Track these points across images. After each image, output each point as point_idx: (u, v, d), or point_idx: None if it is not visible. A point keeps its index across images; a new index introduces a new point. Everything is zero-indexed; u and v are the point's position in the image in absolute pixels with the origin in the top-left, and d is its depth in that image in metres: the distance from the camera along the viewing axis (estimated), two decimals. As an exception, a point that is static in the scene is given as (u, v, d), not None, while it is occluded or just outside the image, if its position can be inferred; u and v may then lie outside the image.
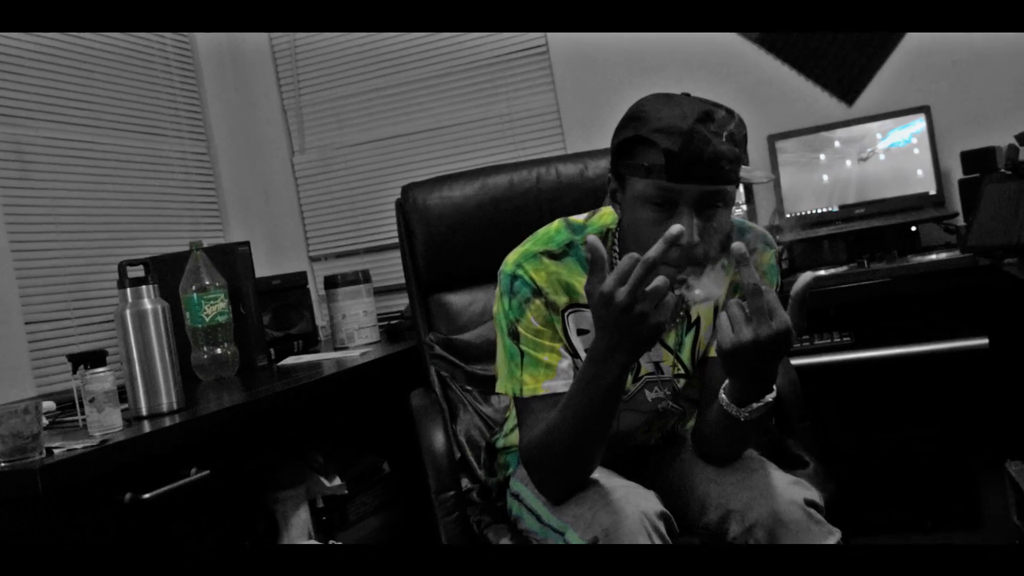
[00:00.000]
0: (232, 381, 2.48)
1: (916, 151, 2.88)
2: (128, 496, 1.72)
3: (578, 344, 1.68)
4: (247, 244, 2.70)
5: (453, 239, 2.41)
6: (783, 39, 3.07)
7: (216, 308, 2.49)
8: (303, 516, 2.32)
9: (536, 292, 1.65)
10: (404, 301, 3.29)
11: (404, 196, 2.45)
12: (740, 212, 2.94)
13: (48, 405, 2.13)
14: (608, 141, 1.59)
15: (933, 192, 2.86)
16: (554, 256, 1.67)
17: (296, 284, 3.01)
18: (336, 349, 2.90)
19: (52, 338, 2.66)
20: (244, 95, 3.64)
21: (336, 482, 2.44)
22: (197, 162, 3.42)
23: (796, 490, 1.59)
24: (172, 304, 2.22)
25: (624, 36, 3.17)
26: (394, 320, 3.09)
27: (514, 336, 1.66)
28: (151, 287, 2.02)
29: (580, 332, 1.68)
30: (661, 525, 1.53)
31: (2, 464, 1.61)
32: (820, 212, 2.95)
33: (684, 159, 1.45)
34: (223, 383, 2.46)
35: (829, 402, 2.57)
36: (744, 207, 2.96)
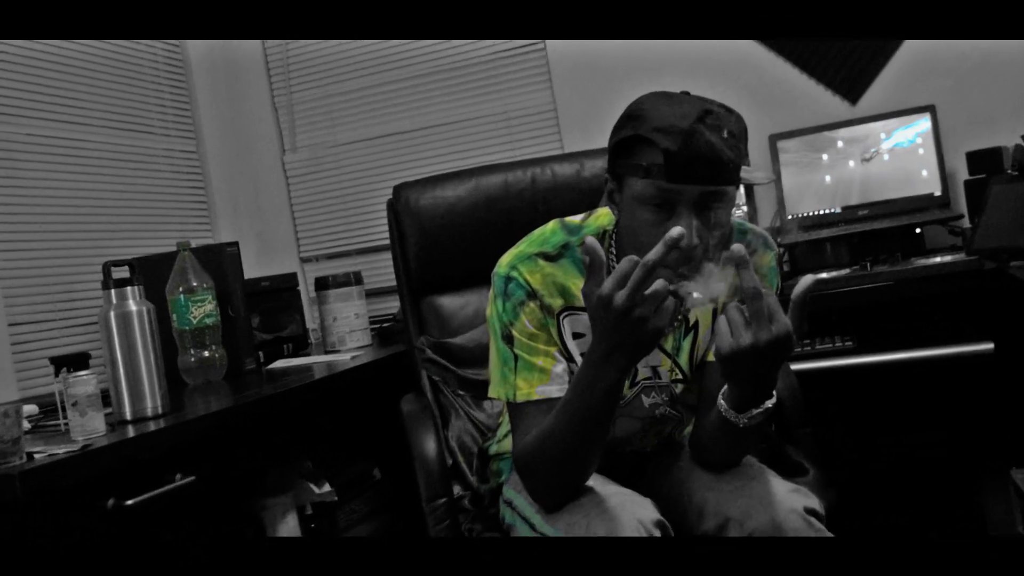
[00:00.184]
0: (220, 385, 2.47)
1: (921, 151, 2.88)
2: (111, 502, 1.71)
3: (573, 348, 1.68)
4: (236, 244, 2.69)
5: (446, 240, 2.40)
6: (785, 37, 3.07)
7: (204, 310, 2.48)
8: (291, 523, 2.30)
9: (531, 295, 1.65)
10: (397, 303, 3.26)
11: (396, 196, 2.45)
12: (740, 213, 2.94)
13: (30, 408, 2.12)
14: (607, 140, 1.58)
15: (938, 193, 2.86)
16: (549, 258, 1.66)
17: (286, 286, 3.00)
18: (327, 352, 2.89)
19: (36, 340, 2.66)
20: (234, 92, 3.63)
21: (325, 488, 2.43)
22: (185, 160, 3.42)
23: (796, 498, 1.58)
24: (159, 306, 2.22)
25: (623, 33, 3.17)
26: (386, 323, 3.08)
27: (508, 340, 1.65)
28: (136, 288, 2.01)
29: (576, 336, 1.68)
30: (657, 533, 1.52)
31: (-19, 469, 1.60)
32: (822, 213, 2.95)
33: (684, 159, 1.45)
34: (210, 387, 2.45)
35: (830, 408, 2.56)
36: (744, 208, 2.96)
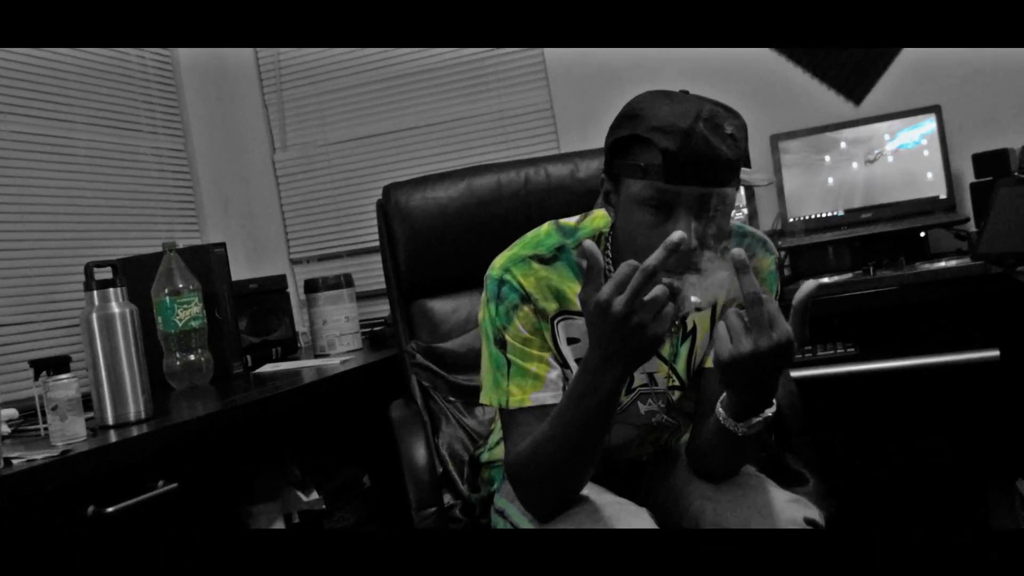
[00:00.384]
0: (206, 389, 2.47)
1: (926, 153, 2.87)
2: (91, 509, 1.70)
3: (568, 354, 1.67)
4: (223, 245, 2.69)
5: (437, 242, 2.40)
6: (788, 35, 3.07)
7: (190, 312, 2.47)
8: (278, 532, 2.30)
9: (524, 298, 1.64)
10: (388, 307, 3.27)
11: (385, 197, 2.44)
12: (741, 216, 2.93)
13: (10, 413, 2.11)
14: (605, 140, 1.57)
15: (943, 196, 2.85)
16: (544, 261, 1.66)
17: (275, 288, 3.00)
18: (316, 356, 2.89)
19: (17, 342, 2.64)
20: (223, 89, 3.62)
21: (313, 496, 2.42)
22: (173, 159, 3.40)
23: (795, 508, 1.58)
24: (144, 308, 2.21)
25: (621, 31, 3.16)
26: (378, 327, 3.08)
27: (501, 344, 1.64)
28: (119, 290, 2.01)
29: (570, 341, 1.67)
30: (653, 544, 1.51)
31: (-42, 475, 1.59)
32: (824, 216, 2.94)
33: (683, 159, 1.44)
34: (196, 391, 2.45)
35: (832, 416, 2.56)
36: (745, 210, 2.95)
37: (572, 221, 1.71)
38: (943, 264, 2.58)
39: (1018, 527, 2.50)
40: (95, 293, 1.99)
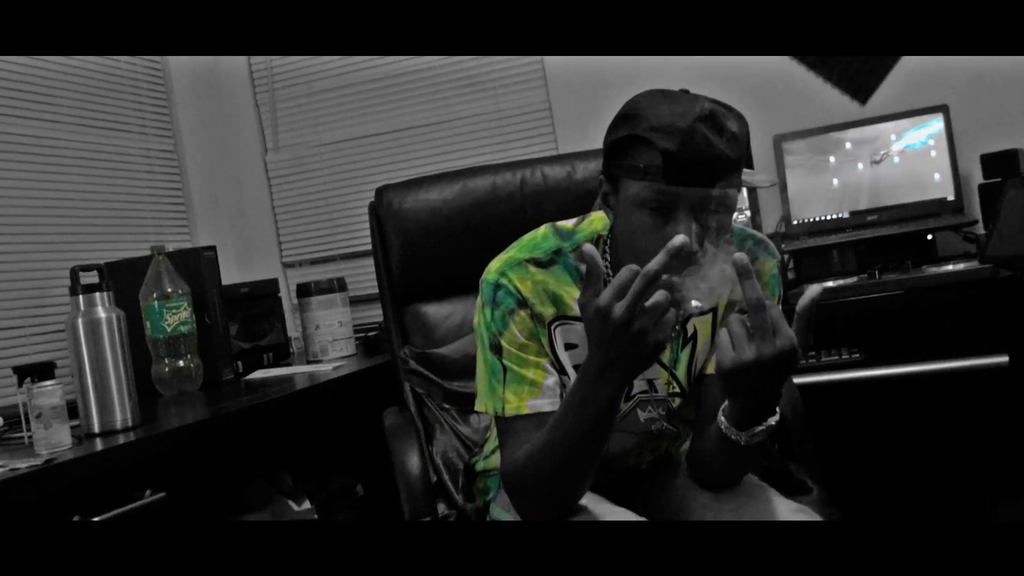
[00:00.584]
0: (195, 396, 2.47)
1: (933, 153, 2.87)
2: (76, 519, 1.69)
3: (565, 360, 1.66)
4: (213, 248, 2.69)
5: (430, 246, 2.39)
6: (791, 33, 3.06)
7: (179, 317, 2.47)
8: (269, 542, 2.29)
9: (521, 303, 1.63)
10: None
11: (378, 199, 2.44)
12: (743, 218, 2.93)
13: (-7, 420, 2.11)
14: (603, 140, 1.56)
15: (951, 198, 2.85)
16: (541, 264, 1.65)
17: (266, 292, 3.00)
18: (309, 362, 2.89)
19: (3, 348, 2.64)
20: (214, 89, 3.62)
21: (305, 505, 2.42)
22: (163, 160, 3.40)
23: (798, 518, 1.57)
24: (132, 313, 2.20)
25: (621, 29, 3.15)
26: (372, 332, 3.07)
27: (496, 350, 1.63)
28: (105, 294, 2.01)
29: (568, 347, 1.66)
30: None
31: (-61, 484, 1.58)
32: (829, 219, 2.93)
33: (683, 160, 1.43)
34: (185, 398, 2.45)
35: (836, 424, 2.55)
36: (747, 213, 2.95)
37: (570, 224, 1.71)
38: (950, 268, 2.58)
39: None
40: (81, 298, 1.99)
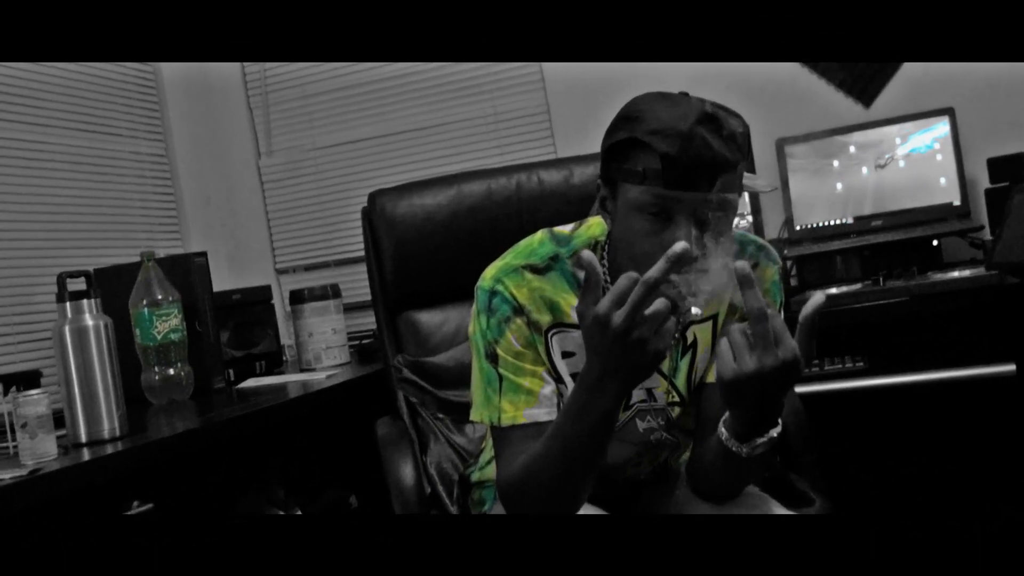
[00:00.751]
0: (185, 405, 2.47)
1: (939, 157, 2.86)
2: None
3: (563, 368, 1.65)
4: (204, 255, 2.68)
5: (424, 252, 2.39)
6: (794, 35, 3.06)
7: (169, 325, 2.47)
8: (261, 555, 2.28)
9: (517, 310, 1.62)
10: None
11: (371, 204, 2.44)
12: (745, 223, 2.92)
13: (-22, 430, 2.10)
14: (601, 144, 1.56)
15: (957, 202, 2.84)
16: (537, 270, 1.64)
17: (259, 299, 3.00)
18: (302, 370, 2.88)
19: (-12, 356, 2.63)
20: (206, 91, 3.62)
21: (298, 517, 2.41)
22: (153, 164, 3.39)
23: (801, 531, 1.56)
24: (122, 320, 2.19)
25: (621, 30, 3.15)
26: (367, 339, 3.06)
27: (492, 358, 1.63)
28: (93, 301, 2.01)
29: (565, 355, 1.65)
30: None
31: (-79, 495, 1.58)
32: (833, 224, 2.93)
33: (683, 164, 1.43)
34: (175, 407, 2.44)
35: (839, 434, 2.54)
36: (749, 218, 2.94)
37: (566, 229, 1.70)
38: (956, 274, 2.57)
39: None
40: (68, 305, 1.99)
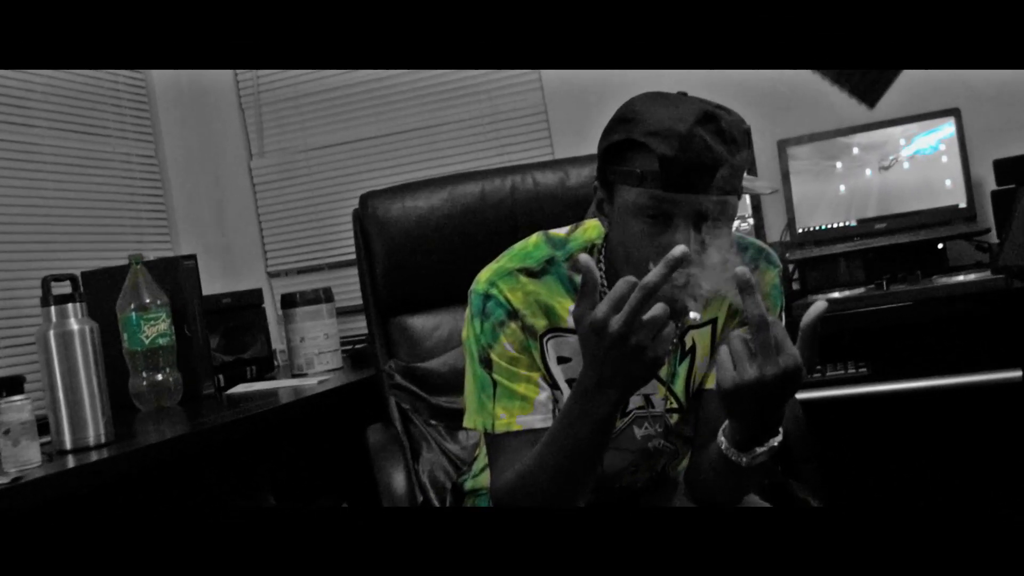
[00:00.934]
0: (174, 411, 2.46)
1: (944, 159, 2.86)
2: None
3: (558, 374, 1.65)
4: (193, 258, 2.68)
5: (417, 255, 2.38)
6: (796, 34, 3.06)
7: (157, 329, 2.46)
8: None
9: (512, 314, 1.62)
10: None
11: (362, 206, 2.44)
12: (747, 226, 2.92)
13: (-39, 437, 2.09)
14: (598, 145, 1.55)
15: (963, 205, 2.84)
16: (532, 274, 1.64)
17: (249, 303, 2.99)
18: (294, 376, 2.88)
19: (-27, 361, 2.63)
20: (197, 92, 3.61)
21: (289, 526, 2.39)
22: (143, 165, 3.39)
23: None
24: (109, 324, 2.19)
25: (620, 29, 3.14)
26: (360, 344, 3.06)
27: (486, 364, 1.62)
28: (78, 305, 2.00)
29: (561, 360, 1.65)
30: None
31: (-100, 505, 1.57)
32: (836, 227, 2.93)
33: (681, 165, 1.42)
34: (163, 413, 2.44)
35: (841, 441, 2.54)
36: (751, 221, 2.94)
37: (562, 232, 1.70)
38: (962, 278, 2.57)
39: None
40: (52, 309, 1.99)
